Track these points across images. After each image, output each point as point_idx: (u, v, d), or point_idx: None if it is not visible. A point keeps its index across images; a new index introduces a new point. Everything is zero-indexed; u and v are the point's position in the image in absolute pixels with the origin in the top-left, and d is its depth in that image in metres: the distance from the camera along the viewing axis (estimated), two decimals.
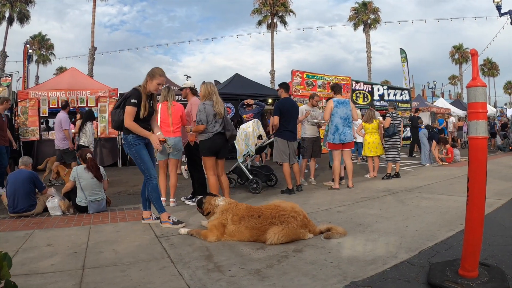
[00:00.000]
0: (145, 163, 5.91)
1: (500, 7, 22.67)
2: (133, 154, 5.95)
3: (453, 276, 3.34)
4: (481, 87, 3.24)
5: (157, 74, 5.87)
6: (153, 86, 5.86)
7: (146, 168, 5.92)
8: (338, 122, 9.10)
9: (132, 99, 5.70)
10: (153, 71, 5.89)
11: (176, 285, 3.58)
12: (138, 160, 5.95)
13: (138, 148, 5.89)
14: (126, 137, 5.91)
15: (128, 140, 5.89)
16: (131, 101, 5.69)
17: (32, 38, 50.64)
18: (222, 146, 7.00)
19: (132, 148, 5.90)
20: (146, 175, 5.96)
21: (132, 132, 5.79)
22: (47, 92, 15.84)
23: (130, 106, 5.69)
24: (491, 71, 72.22)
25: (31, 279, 3.83)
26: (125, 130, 5.88)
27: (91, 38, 38.59)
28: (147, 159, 5.93)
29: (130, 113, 5.69)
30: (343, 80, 22.46)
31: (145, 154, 5.95)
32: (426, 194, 7.79)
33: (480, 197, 3.22)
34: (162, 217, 5.97)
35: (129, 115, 5.69)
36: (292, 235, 4.77)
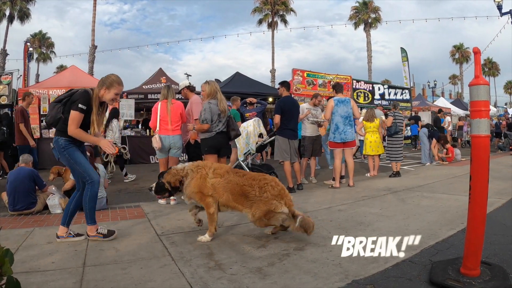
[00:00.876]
0: (82, 165, 5.04)
1: (501, 6, 22.71)
2: (66, 158, 5.04)
3: (455, 274, 3.34)
4: (484, 85, 3.24)
5: (115, 82, 5.10)
6: (110, 96, 5.10)
7: (85, 171, 5.04)
8: (338, 121, 9.10)
9: (80, 103, 4.89)
10: (110, 79, 5.09)
11: (177, 283, 3.57)
12: (73, 164, 5.05)
13: (70, 151, 5.02)
14: (57, 139, 5.06)
15: (59, 143, 5.02)
16: (78, 106, 4.87)
17: (32, 36, 50.64)
18: (224, 145, 7.03)
19: (64, 152, 5.01)
20: (86, 180, 5.06)
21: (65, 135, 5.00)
22: (48, 90, 15.83)
23: (77, 112, 4.87)
24: (491, 70, 72.12)
25: (31, 277, 3.83)
26: (57, 132, 5.14)
27: (91, 37, 38.67)
28: (83, 161, 5.08)
29: (76, 119, 4.87)
30: (344, 79, 22.48)
31: (80, 156, 5.09)
32: (426, 193, 7.78)
33: (482, 195, 3.22)
34: (90, 230, 5.17)
35: (74, 121, 4.86)
36: (265, 208, 4.71)
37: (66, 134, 4.93)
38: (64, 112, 5.01)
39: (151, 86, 18.69)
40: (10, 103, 15.96)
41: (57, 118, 5.05)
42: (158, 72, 20.76)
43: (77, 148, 5.09)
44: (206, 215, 5.08)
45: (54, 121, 5.10)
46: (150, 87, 18.68)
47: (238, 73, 21.47)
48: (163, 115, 7.57)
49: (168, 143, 7.48)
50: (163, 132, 7.49)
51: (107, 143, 5.09)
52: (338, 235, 4.81)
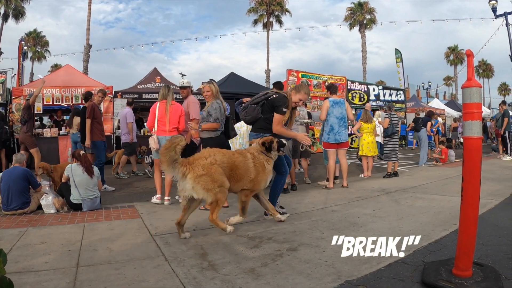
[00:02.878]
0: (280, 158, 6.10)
1: (496, 8, 22.75)
2: None
3: (447, 275, 3.36)
4: (476, 87, 3.25)
5: (302, 90, 6.37)
6: (295, 98, 6.32)
7: (283, 164, 6.23)
8: (333, 122, 9.12)
9: (284, 108, 6.04)
10: (301, 87, 6.44)
11: (170, 283, 3.58)
12: None
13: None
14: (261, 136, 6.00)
15: None
16: (283, 110, 6.04)
17: (27, 35, 50.37)
18: (226, 145, 7.11)
19: None
20: (282, 171, 6.24)
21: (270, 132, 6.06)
22: (42, 89, 15.75)
23: (281, 115, 6.05)
24: (486, 72, 72.38)
25: (25, 277, 3.83)
26: (259, 129, 6.25)
27: (86, 35, 38.37)
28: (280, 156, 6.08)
29: (280, 120, 6.05)
30: (339, 80, 22.51)
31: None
32: (420, 194, 7.80)
33: (474, 196, 3.24)
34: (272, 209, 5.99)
35: (279, 122, 6.04)
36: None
37: (268, 131, 6.10)
38: (263, 112, 6.27)
39: (146, 86, 18.62)
40: (4, 102, 15.89)
41: (258, 118, 6.30)
42: (152, 72, 20.71)
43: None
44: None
45: (254, 121, 6.38)
46: (145, 86, 18.62)
47: (233, 73, 21.47)
48: (161, 115, 7.57)
49: (163, 143, 7.45)
50: (160, 132, 7.48)
51: (303, 136, 6.38)
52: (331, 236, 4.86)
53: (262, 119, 6.26)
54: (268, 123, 6.14)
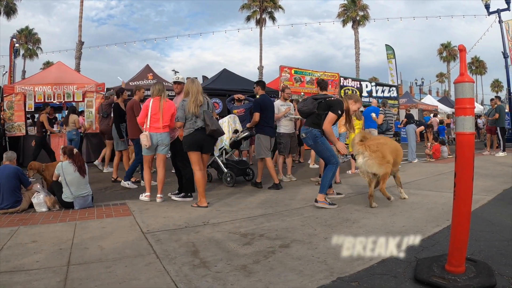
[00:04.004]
0: (330, 150, 6.76)
1: (489, 5, 22.76)
2: (319, 145, 6.75)
3: (440, 271, 3.34)
4: (469, 82, 3.23)
5: (359, 101, 7.17)
6: (355, 107, 7.08)
7: (332, 155, 6.74)
8: None
9: (339, 110, 6.62)
10: (357, 96, 7.25)
11: (161, 281, 3.55)
12: (324, 149, 6.76)
13: (323, 139, 6.74)
14: (311, 130, 6.75)
15: (313, 133, 6.72)
16: (338, 111, 6.60)
17: (19, 32, 50.20)
18: (205, 141, 6.98)
19: (317, 139, 6.72)
20: (332, 161, 6.70)
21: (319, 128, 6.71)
22: (33, 86, 15.66)
23: (335, 115, 6.60)
24: (478, 69, 72.77)
25: (15, 276, 3.80)
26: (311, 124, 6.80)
27: (78, 32, 38.19)
28: (330, 148, 6.78)
29: (333, 120, 6.63)
30: (332, 76, 22.52)
31: (329, 144, 6.79)
32: (413, 190, 7.81)
33: (467, 192, 3.22)
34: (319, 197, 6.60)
35: (331, 121, 6.62)
36: None
37: (318, 127, 6.72)
38: (318, 108, 6.77)
39: (138, 83, 18.54)
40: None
41: (313, 112, 6.82)
42: (145, 69, 20.66)
43: (325, 138, 6.77)
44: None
45: (309, 113, 6.90)
46: (137, 83, 18.55)
47: (225, 69, 21.47)
48: (155, 111, 7.50)
49: (156, 140, 7.43)
50: (152, 129, 7.43)
51: (343, 145, 6.75)
52: (324, 232, 4.86)
53: (315, 114, 6.78)
54: (319, 119, 6.71)
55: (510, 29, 23.72)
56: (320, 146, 6.72)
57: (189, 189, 7.50)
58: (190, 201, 7.31)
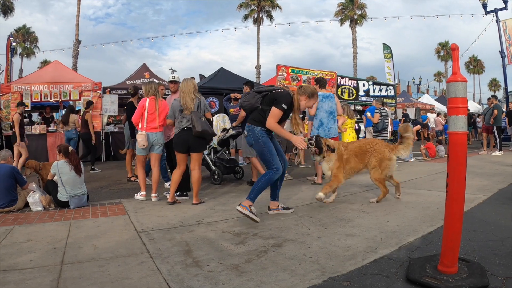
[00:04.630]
0: (272, 154, 5.81)
1: (486, 5, 22.86)
2: (260, 145, 5.83)
3: (432, 271, 3.34)
4: (462, 82, 3.23)
5: (314, 97, 6.01)
6: (303, 105, 5.97)
7: (273, 159, 5.79)
8: (323, 116, 9.01)
9: (284, 104, 5.70)
10: (312, 89, 6.00)
11: (153, 280, 3.55)
12: (264, 150, 5.82)
13: (265, 139, 5.84)
14: (253, 128, 5.88)
15: (255, 132, 5.84)
16: (282, 105, 5.68)
17: (16, 31, 50.21)
18: (191, 142, 6.93)
19: (259, 139, 5.82)
20: (272, 166, 5.78)
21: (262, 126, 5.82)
22: (30, 85, 15.69)
23: (279, 110, 5.68)
24: (476, 68, 73.00)
25: (9, 275, 3.80)
26: (253, 121, 5.95)
27: (75, 31, 38.18)
28: (273, 151, 5.84)
29: (277, 116, 5.69)
30: (329, 75, 22.52)
31: (271, 145, 5.87)
32: (408, 189, 7.81)
33: (459, 192, 3.22)
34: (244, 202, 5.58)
35: (275, 117, 5.69)
36: None
37: (261, 124, 5.81)
38: (262, 103, 5.93)
39: (135, 82, 18.59)
40: None
41: (255, 107, 5.98)
42: (142, 68, 20.71)
43: (269, 138, 5.93)
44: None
45: (251, 108, 6.08)
46: (134, 82, 18.58)
47: (222, 68, 21.48)
48: (151, 110, 7.50)
49: (152, 140, 7.43)
50: (149, 129, 7.43)
51: (299, 139, 5.82)
52: (317, 231, 4.86)
53: (258, 110, 5.95)
54: (263, 115, 5.83)
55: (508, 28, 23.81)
56: (261, 146, 5.84)
57: (185, 188, 7.50)
58: (185, 200, 7.31)
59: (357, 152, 6.86)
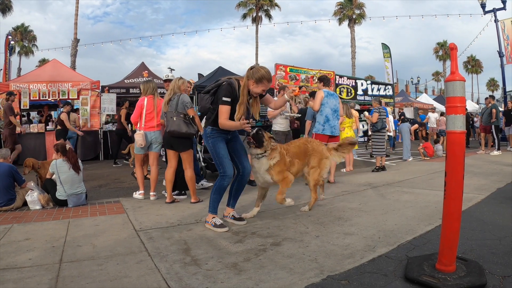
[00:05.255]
0: (220, 157, 5.25)
1: (484, 5, 22.86)
2: (209, 146, 5.34)
3: (430, 270, 3.35)
4: (460, 81, 3.24)
5: (264, 79, 5.16)
6: (257, 90, 5.20)
7: (220, 163, 5.26)
8: (328, 113, 8.82)
9: (224, 97, 5.09)
10: (260, 74, 5.14)
11: (152, 279, 3.56)
12: (213, 153, 5.31)
13: (214, 140, 5.29)
14: (205, 128, 5.42)
15: (206, 132, 5.37)
16: (223, 99, 5.08)
17: (14, 29, 50.14)
18: (171, 141, 6.97)
19: (208, 140, 5.32)
20: (220, 171, 5.31)
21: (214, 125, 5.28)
22: (28, 84, 15.66)
23: (223, 105, 5.08)
24: (474, 68, 73.11)
25: (7, 274, 3.81)
26: (206, 120, 5.58)
27: (74, 30, 38.15)
28: (222, 153, 5.26)
29: (224, 112, 5.08)
30: (327, 74, 22.49)
31: (222, 148, 5.28)
32: (406, 189, 7.83)
33: (457, 191, 3.23)
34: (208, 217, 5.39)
35: (223, 114, 5.08)
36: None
37: (213, 123, 5.28)
38: (212, 102, 5.37)
39: (133, 81, 18.59)
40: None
41: (207, 108, 5.53)
42: (140, 66, 20.67)
43: (222, 139, 5.34)
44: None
45: (205, 111, 5.77)
46: (132, 81, 18.59)
47: (220, 67, 21.42)
48: (150, 109, 7.52)
49: (150, 138, 7.43)
50: (147, 128, 7.45)
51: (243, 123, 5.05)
52: (316, 230, 4.86)
53: (211, 110, 5.38)
54: (214, 114, 5.27)
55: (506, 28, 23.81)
56: (210, 148, 5.36)
57: (183, 187, 7.50)
58: (183, 198, 7.31)
59: (298, 152, 6.11)
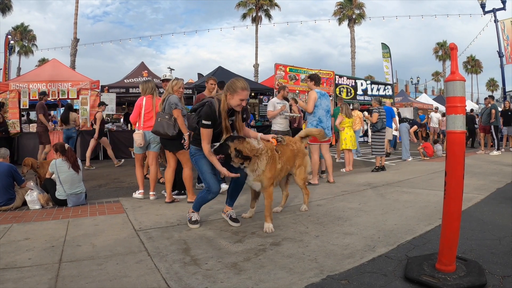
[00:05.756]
0: (204, 174, 5.21)
1: (484, 5, 22.90)
2: (193, 164, 5.40)
3: (430, 270, 3.35)
4: (460, 81, 3.24)
5: (238, 88, 5.06)
6: (235, 102, 5.08)
7: (205, 180, 5.21)
8: (321, 114, 8.80)
9: (203, 120, 5.01)
10: (234, 85, 5.10)
11: (152, 279, 3.56)
12: (198, 170, 5.34)
13: (197, 158, 5.27)
14: (190, 147, 5.44)
15: (191, 150, 5.41)
16: (203, 123, 5.01)
17: (14, 29, 50.14)
18: (162, 141, 7.13)
19: (192, 158, 5.37)
20: (205, 187, 5.24)
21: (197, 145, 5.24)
22: (28, 84, 15.65)
23: (203, 128, 5.01)
24: (474, 68, 73.15)
25: (7, 273, 3.81)
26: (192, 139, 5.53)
27: (74, 29, 38.19)
28: (206, 170, 5.19)
29: (205, 135, 5.02)
30: (327, 74, 22.53)
31: (204, 165, 5.20)
32: (406, 188, 7.84)
33: (457, 191, 3.23)
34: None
35: (205, 138, 5.03)
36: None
37: (195, 143, 5.28)
38: (198, 122, 5.22)
39: (133, 80, 18.59)
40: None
41: (194, 127, 5.39)
42: (140, 66, 20.67)
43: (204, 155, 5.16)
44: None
45: (193, 130, 5.51)
46: (132, 81, 18.59)
47: (220, 67, 21.49)
48: (148, 109, 7.53)
49: (148, 138, 7.43)
50: (146, 127, 7.44)
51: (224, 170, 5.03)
52: (315, 230, 4.86)
53: (197, 129, 5.24)
54: (198, 133, 5.22)
55: (506, 28, 23.85)
56: (195, 165, 5.37)
57: (183, 186, 7.50)
58: (183, 198, 7.31)
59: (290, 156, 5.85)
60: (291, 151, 5.83)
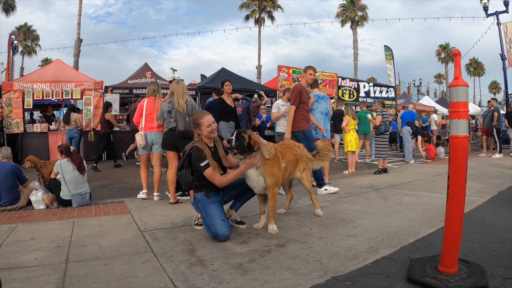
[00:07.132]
0: (210, 218, 4.88)
1: (487, 7, 22.87)
2: (200, 210, 5.12)
3: (432, 272, 3.38)
4: (463, 86, 3.28)
5: (199, 120, 5.18)
6: (206, 131, 5.17)
7: (211, 224, 4.84)
8: (319, 118, 8.89)
9: (201, 163, 4.98)
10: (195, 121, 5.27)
11: (158, 279, 3.59)
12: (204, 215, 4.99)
13: (203, 204, 5.08)
14: (195, 195, 5.23)
15: (195, 198, 5.21)
16: (201, 165, 4.97)
17: (17, 29, 50.12)
18: (176, 141, 7.07)
19: (198, 205, 5.13)
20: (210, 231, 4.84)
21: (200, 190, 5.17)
22: (32, 84, 15.68)
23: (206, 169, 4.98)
24: (477, 70, 73.04)
25: (14, 273, 3.83)
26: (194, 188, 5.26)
27: (77, 30, 38.21)
28: (213, 214, 4.91)
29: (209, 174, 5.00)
30: (329, 76, 22.55)
31: (212, 209, 4.99)
32: (408, 191, 7.86)
33: (460, 194, 3.27)
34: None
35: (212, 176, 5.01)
36: None
37: (198, 189, 5.17)
38: (192, 174, 5.15)
39: (136, 81, 18.63)
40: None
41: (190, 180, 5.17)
42: (143, 67, 20.70)
43: (213, 201, 5.11)
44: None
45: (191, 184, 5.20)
46: (135, 81, 18.62)
47: (223, 68, 21.49)
48: (149, 111, 7.56)
49: (151, 139, 7.48)
50: (147, 129, 7.50)
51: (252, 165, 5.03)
52: (319, 232, 4.90)
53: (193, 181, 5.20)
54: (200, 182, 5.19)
55: (508, 31, 23.81)
56: (202, 211, 5.08)
57: None
58: (187, 199, 7.34)
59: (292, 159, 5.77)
60: (294, 155, 5.81)
